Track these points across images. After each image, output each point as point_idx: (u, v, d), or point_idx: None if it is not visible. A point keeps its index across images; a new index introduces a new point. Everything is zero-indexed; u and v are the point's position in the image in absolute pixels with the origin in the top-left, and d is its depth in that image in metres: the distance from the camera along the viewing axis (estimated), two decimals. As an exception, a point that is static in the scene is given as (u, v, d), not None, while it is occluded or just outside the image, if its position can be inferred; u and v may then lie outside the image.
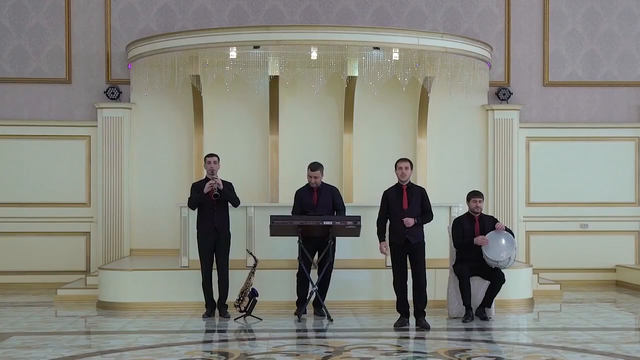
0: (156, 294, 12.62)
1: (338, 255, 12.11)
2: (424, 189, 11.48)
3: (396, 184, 11.32)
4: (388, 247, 11.24)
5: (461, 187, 12.41)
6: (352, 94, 14.96)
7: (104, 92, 15.47)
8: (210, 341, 10.22)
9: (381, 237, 11.26)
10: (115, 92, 15.41)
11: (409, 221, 10.95)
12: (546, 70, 15.96)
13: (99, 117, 15.37)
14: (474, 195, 11.91)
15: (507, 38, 15.89)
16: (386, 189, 11.40)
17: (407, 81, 14.34)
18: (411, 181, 11.35)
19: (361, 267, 12.83)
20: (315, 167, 12.08)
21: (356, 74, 14.39)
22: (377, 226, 11.32)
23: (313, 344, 9.88)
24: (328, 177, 13.48)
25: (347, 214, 12.09)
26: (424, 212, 11.22)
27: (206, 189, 11.77)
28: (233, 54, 13.91)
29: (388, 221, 11.28)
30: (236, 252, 12.26)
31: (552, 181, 15.94)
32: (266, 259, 12.65)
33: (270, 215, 11.80)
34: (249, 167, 15.44)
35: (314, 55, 13.92)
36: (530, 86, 15.99)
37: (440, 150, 15.67)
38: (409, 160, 11.30)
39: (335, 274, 12.20)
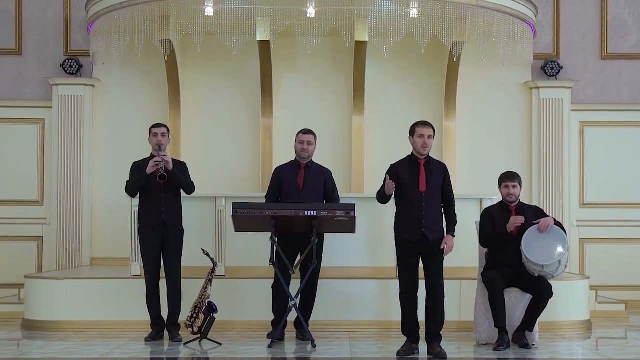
0: (96, 311, 10.24)
1: (335, 261, 10.17)
2: (446, 165, 8.78)
3: (409, 156, 8.60)
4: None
5: (497, 180, 10.33)
6: (362, 67, 12.93)
7: (61, 65, 13.46)
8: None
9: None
10: (74, 66, 13.40)
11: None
12: (604, 40, 13.95)
13: (54, 96, 13.43)
14: (505, 179, 9.46)
15: (557, 0, 13.93)
16: (394, 162, 8.75)
17: (426, 42, 12.09)
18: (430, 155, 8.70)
19: (365, 277, 10.56)
20: (307, 130, 9.63)
21: (365, 39, 12.36)
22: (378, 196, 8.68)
23: (270, 381, 7.07)
24: (334, 166, 11.50)
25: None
26: (447, 203, 8.56)
27: (150, 169, 9.25)
28: (209, 9, 11.83)
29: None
30: (196, 255, 9.60)
31: (612, 176, 13.82)
32: (241, 265, 10.61)
33: (233, 203, 9.14)
34: (236, 156, 13.63)
35: (311, 11, 11.80)
36: (585, 59, 13.95)
37: (472, 136, 13.67)
38: (432, 127, 8.59)
39: (330, 286, 10.14)
